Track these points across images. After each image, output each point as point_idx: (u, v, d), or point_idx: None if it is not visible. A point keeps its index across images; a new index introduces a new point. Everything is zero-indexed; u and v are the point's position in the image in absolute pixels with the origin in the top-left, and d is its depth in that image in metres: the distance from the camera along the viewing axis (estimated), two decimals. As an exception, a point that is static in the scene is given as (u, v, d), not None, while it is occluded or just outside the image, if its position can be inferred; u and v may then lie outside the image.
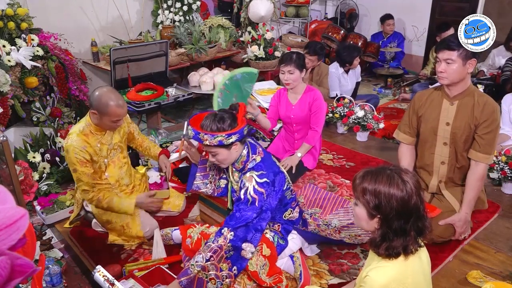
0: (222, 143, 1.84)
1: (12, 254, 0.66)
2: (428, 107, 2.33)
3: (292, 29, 6.36)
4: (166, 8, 4.29)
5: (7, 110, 2.79)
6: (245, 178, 1.92)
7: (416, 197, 1.30)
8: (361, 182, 1.34)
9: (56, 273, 1.90)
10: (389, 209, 1.29)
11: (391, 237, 1.31)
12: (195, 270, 1.75)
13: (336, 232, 2.30)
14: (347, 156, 3.40)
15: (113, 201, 2.24)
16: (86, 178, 2.20)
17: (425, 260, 1.40)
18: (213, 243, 1.80)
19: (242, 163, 1.97)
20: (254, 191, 1.87)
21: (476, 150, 2.22)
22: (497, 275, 2.08)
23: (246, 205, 1.86)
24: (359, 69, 4.35)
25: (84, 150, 2.17)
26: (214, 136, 1.83)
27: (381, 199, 1.29)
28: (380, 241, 1.33)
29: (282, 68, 2.94)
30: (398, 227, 1.30)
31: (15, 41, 2.94)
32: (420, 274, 1.36)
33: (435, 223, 2.24)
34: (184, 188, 2.87)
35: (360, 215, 1.36)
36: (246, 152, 1.97)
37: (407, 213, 1.29)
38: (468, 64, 2.11)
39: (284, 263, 2.09)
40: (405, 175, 1.32)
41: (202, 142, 1.87)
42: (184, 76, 4.49)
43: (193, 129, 1.88)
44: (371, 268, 1.35)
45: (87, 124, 2.23)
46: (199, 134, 1.86)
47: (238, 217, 1.84)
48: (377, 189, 1.30)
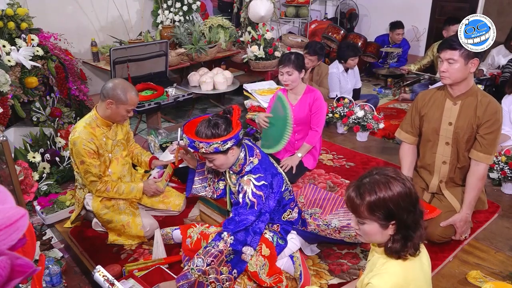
0: (218, 150, 1.81)
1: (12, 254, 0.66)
2: (431, 107, 2.33)
3: (292, 29, 6.36)
4: (166, 8, 4.29)
5: (7, 110, 2.79)
6: (243, 181, 1.90)
7: (410, 184, 1.30)
8: (362, 200, 1.28)
9: (56, 273, 1.90)
10: (401, 210, 1.27)
11: (412, 234, 1.29)
12: (195, 274, 1.75)
13: (336, 232, 2.30)
14: (347, 156, 3.40)
15: (121, 188, 2.31)
16: (95, 169, 2.23)
17: (425, 262, 1.39)
18: (213, 248, 1.79)
19: (240, 166, 1.95)
20: (252, 195, 1.86)
21: (477, 150, 2.22)
22: (497, 275, 2.08)
23: (245, 209, 1.85)
24: (357, 70, 4.34)
25: (92, 142, 2.21)
26: (209, 143, 1.79)
27: (390, 206, 1.26)
28: (403, 245, 1.30)
29: (280, 69, 2.95)
30: (412, 221, 1.29)
31: (15, 41, 2.94)
32: (422, 278, 1.35)
33: (436, 223, 2.24)
34: (184, 188, 2.87)
35: (371, 231, 1.31)
36: (243, 155, 1.94)
37: (413, 204, 1.29)
38: (471, 64, 2.10)
39: (284, 263, 2.09)
40: (391, 172, 1.32)
41: (198, 150, 1.83)
42: (184, 76, 4.49)
43: (187, 137, 1.84)
44: (373, 274, 1.34)
45: (93, 118, 2.27)
46: (194, 142, 1.82)
47: (237, 221, 1.84)
48: (381, 197, 1.26)
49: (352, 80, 4.27)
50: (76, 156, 2.22)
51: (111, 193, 2.30)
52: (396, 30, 5.38)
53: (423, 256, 1.38)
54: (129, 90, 2.24)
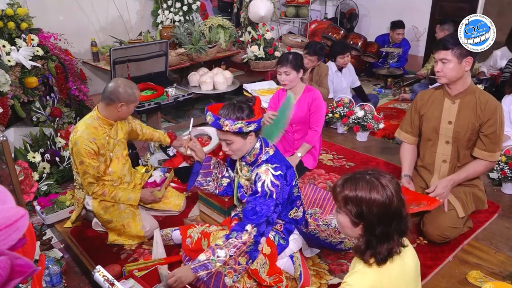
0: (241, 130, 1.84)
1: (12, 254, 0.66)
2: (430, 106, 2.34)
3: (292, 29, 6.36)
4: (166, 8, 4.29)
5: (7, 110, 2.79)
6: (260, 170, 1.91)
7: (396, 200, 1.27)
8: (341, 190, 1.31)
9: (56, 273, 1.90)
10: (371, 216, 1.26)
11: (375, 243, 1.28)
12: (216, 264, 1.74)
13: (336, 233, 2.29)
14: (347, 156, 3.40)
15: (118, 195, 2.31)
16: (93, 170, 2.23)
17: (409, 261, 1.36)
18: (236, 239, 1.79)
19: (254, 156, 1.97)
20: (271, 184, 1.88)
21: (480, 148, 2.23)
22: (497, 275, 2.08)
23: (264, 198, 1.86)
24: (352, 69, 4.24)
25: (93, 142, 2.21)
26: (234, 122, 1.83)
27: (363, 207, 1.26)
28: (365, 248, 1.30)
29: (278, 69, 2.95)
30: (381, 232, 1.27)
31: (15, 41, 2.94)
32: (402, 279, 1.33)
33: (436, 223, 2.24)
34: (184, 188, 2.87)
35: (344, 223, 1.34)
36: (259, 145, 1.98)
37: (389, 218, 1.27)
38: (465, 62, 2.12)
39: (284, 263, 2.09)
40: (384, 178, 1.29)
41: (221, 128, 1.85)
42: (184, 76, 4.49)
43: (212, 114, 1.87)
44: (350, 273, 1.34)
45: (95, 118, 2.27)
46: (219, 119, 1.85)
47: (258, 211, 1.84)
48: (358, 196, 1.27)
49: (347, 78, 4.16)
50: (76, 156, 2.22)
51: (107, 198, 2.29)
52: (397, 29, 5.37)
53: (406, 257, 1.35)
54: (134, 87, 2.27)
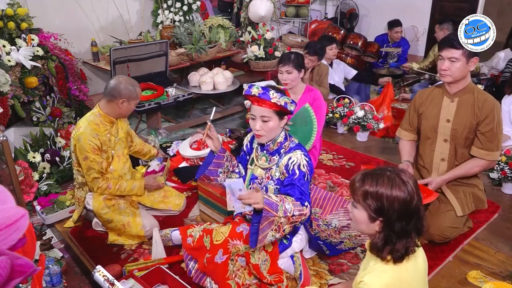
0: (286, 105, 1.86)
1: (12, 254, 0.66)
2: (428, 105, 2.35)
3: (292, 29, 6.36)
4: (166, 8, 4.29)
5: (7, 110, 2.79)
6: (294, 154, 1.94)
7: (416, 197, 1.28)
8: (361, 185, 1.31)
9: (56, 273, 1.90)
10: (392, 212, 1.26)
11: (394, 240, 1.28)
12: (280, 213, 1.72)
13: (336, 233, 2.29)
14: (347, 156, 3.40)
15: (123, 185, 2.34)
16: (97, 165, 2.25)
17: (421, 262, 1.38)
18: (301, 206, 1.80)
19: (278, 144, 2.00)
20: (307, 165, 1.93)
21: (477, 147, 2.23)
22: (497, 275, 2.08)
23: (303, 180, 1.89)
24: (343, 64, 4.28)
25: (96, 138, 2.25)
26: (283, 95, 1.86)
27: (384, 202, 1.26)
28: (383, 245, 1.30)
29: (280, 68, 2.95)
30: (400, 229, 1.28)
31: (15, 41, 2.94)
32: (415, 278, 1.34)
33: (436, 223, 2.24)
34: (184, 188, 2.87)
35: (360, 218, 1.33)
36: (284, 135, 2.02)
37: (409, 215, 1.28)
38: (471, 62, 2.14)
39: (284, 262, 2.09)
40: (405, 175, 1.30)
41: (270, 99, 1.85)
42: (184, 76, 4.49)
43: (261, 86, 1.89)
44: (366, 272, 1.33)
45: (96, 115, 2.31)
46: (269, 91, 1.86)
47: (304, 191, 1.87)
48: (379, 191, 1.27)
49: (338, 73, 4.21)
50: (79, 152, 2.23)
51: (112, 190, 2.31)
52: (394, 28, 5.38)
53: (419, 255, 1.37)
54: (136, 84, 2.32)
